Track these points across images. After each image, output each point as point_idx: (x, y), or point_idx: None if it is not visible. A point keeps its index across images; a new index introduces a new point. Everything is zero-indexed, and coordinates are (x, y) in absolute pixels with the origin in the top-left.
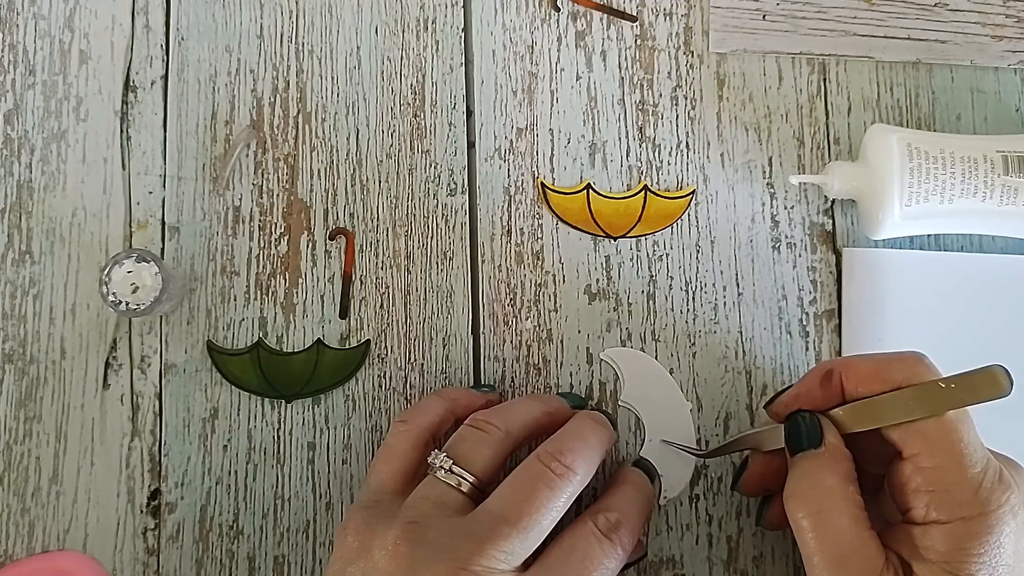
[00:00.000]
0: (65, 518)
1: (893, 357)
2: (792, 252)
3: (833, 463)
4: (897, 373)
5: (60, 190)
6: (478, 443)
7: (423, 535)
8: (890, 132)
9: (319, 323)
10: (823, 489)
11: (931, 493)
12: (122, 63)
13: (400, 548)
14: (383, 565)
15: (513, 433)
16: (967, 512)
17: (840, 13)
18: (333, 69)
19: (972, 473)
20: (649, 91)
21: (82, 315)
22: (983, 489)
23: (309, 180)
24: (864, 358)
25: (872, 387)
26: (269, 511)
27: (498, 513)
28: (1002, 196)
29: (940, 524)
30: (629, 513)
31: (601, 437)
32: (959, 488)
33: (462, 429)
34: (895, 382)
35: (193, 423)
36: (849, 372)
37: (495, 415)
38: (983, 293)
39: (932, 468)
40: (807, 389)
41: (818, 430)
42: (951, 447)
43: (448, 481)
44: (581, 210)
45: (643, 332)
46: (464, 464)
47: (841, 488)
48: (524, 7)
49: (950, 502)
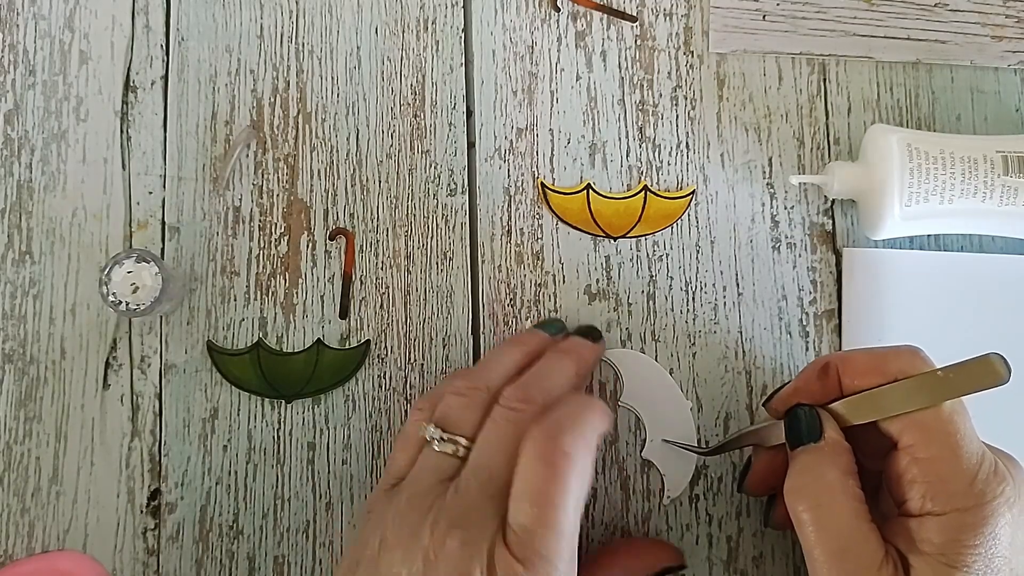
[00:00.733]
0: (65, 518)
1: (889, 350)
2: (792, 252)
3: (833, 456)
4: (894, 365)
5: (60, 190)
6: (463, 408)
7: (420, 495)
8: (890, 132)
9: (319, 323)
10: (823, 483)
11: (927, 484)
12: (122, 63)
13: (406, 516)
14: (391, 539)
15: (495, 387)
16: (962, 503)
17: (840, 13)
18: (333, 69)
19: (968, 464)
20: (649, 91)
21: (82, 315)
22: (978, 481)
23: (309, 180)
24: (861, 352)
25: (869, 380)
26: (269, 511)
27: (481, 465)
28: (1002, 196)
29: (935, 516)
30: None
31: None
32: (954, 479)
33: (446, 398)
34: (892, 374)
35: (193, 423)
36: (846, 366)
37: (473, 377)
38: (983, 293)
39: (928, 459)
40: (805, 383)
41: (817, 423)
42: (947, 438)
43: (444, 451)
44: (581, 210)
45: (643, 332)
46: (455, 430)
47: (841, 481)
48: (524, 7)
49: (945, 493)
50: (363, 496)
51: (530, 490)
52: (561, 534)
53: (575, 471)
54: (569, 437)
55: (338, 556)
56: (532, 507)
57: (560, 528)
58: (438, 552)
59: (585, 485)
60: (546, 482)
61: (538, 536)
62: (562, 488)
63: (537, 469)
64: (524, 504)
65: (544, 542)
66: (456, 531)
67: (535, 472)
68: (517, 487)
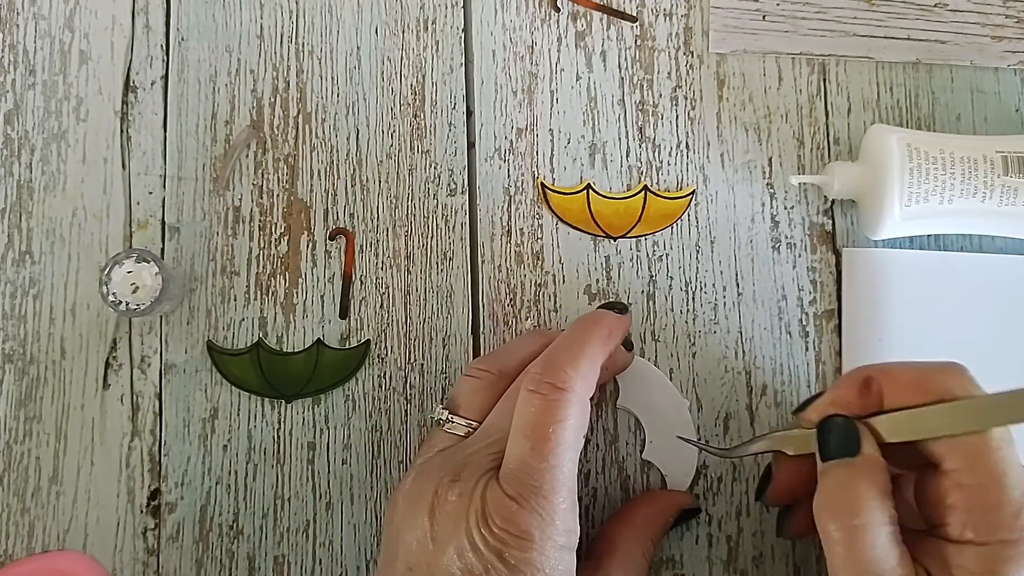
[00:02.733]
0: (65, 518)
1: (935, 367)
2: (792, 252)
3: (870, 474)
4: (940, 385)
5: (60, 190)
6: (473, 391)
7: (427, 470)
8: (890, 132)
9: (319, 323)
10: (859, 502)
11: (969, 512)
12: (122, 63)
13: (412, 488)
14: (401, 509)
15: (508, 372)
16: (1006, 535)
17: (840, 13)
18: (333, 69)
19: (1014, 495)
20: (649, 91)
21: (82, 315)
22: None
23: (309, 180)
24: (905, 367)
25: (913, 398)
26: (269, 511)
27: (490, 425)
28: (1002, 196)
29: (976, 545)
30: (565, 348)
31: (595, 334)
32: (999, 510)
33: (460, 380)
34: (938, 394)
35: (193, 423)
36: (889, 380)
37: (487, 360)
38: (983, 293)
39: (973, 486)
40: (844, 395)
41: (855, 437)
42: (994, 467)
43: (451, 431)
44: (581, 210)
45: (643, 332)
46: (464, 412)
47: (878, 501)
48: (524, 7)
49: (988, 523)
50: (363, 496)
51: (523, 424)
52: (556, 467)
53: (570, 403)
54: (563, 371)
55: (338, 556)
56: (525, 440)
57: (555, 461)
58: (440, 509)
59: (584, 418)
60: (539, 415)
61: (532, 469)
62: (555, 420)
63: (531, 402)
64: (518, 438)
65: (538, 475)
66: (455, 484)
67: (528, 405)
68: (512, 425)
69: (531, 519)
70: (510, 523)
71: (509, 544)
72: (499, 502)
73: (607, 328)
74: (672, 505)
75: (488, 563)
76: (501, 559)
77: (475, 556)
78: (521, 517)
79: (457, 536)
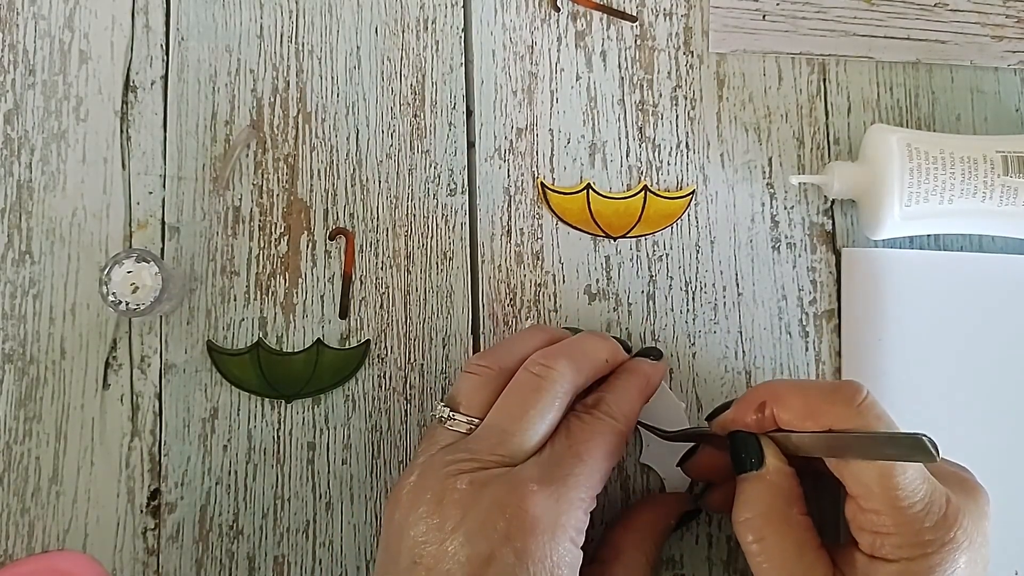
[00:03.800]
0: (65, 518)
1: (825, 395)
2: (792, 252)
3: (775, 485)
4: (826, 417)
5: (60, 190)
6: (473, 387)
7: (431, 465)
8: (890, 132)
9: (319, 323)
10: (767, 515)
11: (875, 534)
12: (122, 63)
13: (417, 483)
14: (404, 504)
15: (508, 368)
16: (909, 553)
17: (840, 13)
18: (333, 69)
19: (911, 515)
20: (649, 91)
21: (82, 315)
22: (926, 530)
23: (309, 180)
24: (796, 392)
25: (803, 425)
26: (269, 511)
27: (492, 424)
28: (1002, 196)
29: (886, 561)
30: (614, 389)
31: (596, 346)
32: (900, 531)
33: (460, 377)
34: (824, 425)
35: (193, 423)
36: (780, 407)
37: (487, 357)
38: (983, 293)
39: (872, 511)
40: (741, 416)
41: (758, 451)
42: (886, 493)
43: (453, 428)
44: (581, 210)
45: (643, 332)
46: (464, 409)
47: (784, 512)
48: (524, 7)
49: (891, 544)
50: (363, 496)
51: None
52: (590, 464)
53: (620, 436)
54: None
55: (338, 556)
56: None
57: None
58: (449, 498)
59: (622, 448)
60: (532, 392)
61: (564, 461)
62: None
63: (519, 379)
64: (563, 440)
65: (569, 466)
66: (463, 476)
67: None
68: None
69: (546, 504)
70: (523, 507)
71: (519, 529)
72: (517, 486)
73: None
74: (674, 509)
75: (495, 548)
76: (509, 542)
77: (484, 541)
78: (536, 501)
79: (465, 522)
